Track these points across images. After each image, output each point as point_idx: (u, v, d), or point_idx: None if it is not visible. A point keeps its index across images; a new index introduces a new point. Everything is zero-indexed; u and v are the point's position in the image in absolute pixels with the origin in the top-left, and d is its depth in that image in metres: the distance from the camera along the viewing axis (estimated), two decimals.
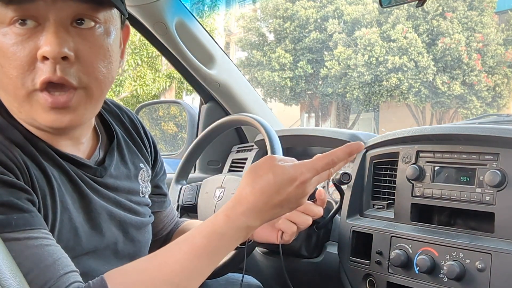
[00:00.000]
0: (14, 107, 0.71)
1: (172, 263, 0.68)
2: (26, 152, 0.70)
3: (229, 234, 0.71)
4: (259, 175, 0.72)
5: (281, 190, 0.72)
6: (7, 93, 0.70)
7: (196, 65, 1.64)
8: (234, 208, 0.72)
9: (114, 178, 0.84)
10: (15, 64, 0.67)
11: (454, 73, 13.69)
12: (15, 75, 0.67)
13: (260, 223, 0.74)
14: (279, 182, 0.72)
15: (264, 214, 0.73)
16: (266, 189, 0.72)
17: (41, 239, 0.64)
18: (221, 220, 0.71)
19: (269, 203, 0.72)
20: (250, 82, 2.04)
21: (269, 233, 0.89)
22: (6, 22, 0.67)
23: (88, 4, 0.69)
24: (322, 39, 14.85)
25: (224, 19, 17.34)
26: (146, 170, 0.93)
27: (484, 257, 0.96)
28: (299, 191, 0.73)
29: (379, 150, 1.25)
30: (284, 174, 0.72)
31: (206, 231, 0.71)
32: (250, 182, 0.73)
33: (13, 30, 0.67)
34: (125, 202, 0.84)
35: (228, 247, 0.72)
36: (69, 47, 0.67)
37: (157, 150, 0.99)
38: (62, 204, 0.72)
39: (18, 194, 0.65)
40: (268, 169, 0.73)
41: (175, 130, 2.14)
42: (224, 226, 0.71)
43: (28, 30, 0.67)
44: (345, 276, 1.23)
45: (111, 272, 0.66)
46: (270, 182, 0.72)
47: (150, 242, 0.91)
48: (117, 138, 0.88)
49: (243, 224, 0.71)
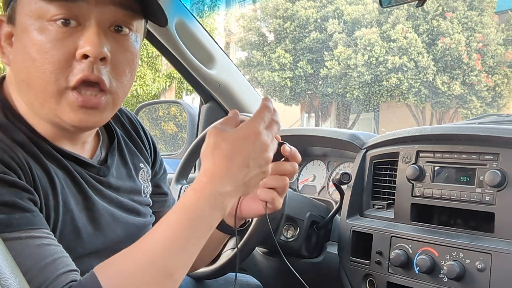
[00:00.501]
0: (38, 102, 0.71)
1: (153, 245, 0.67)
2: (29, 152, 0.71)
3: (200, 204, 0.69)
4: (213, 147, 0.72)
5: (239, 150, 0.71)
6: (34, 88, 0.70)
7: (196, 65, 1.64)
8: (199, 181, 0.70)
9: (116, 178, 0.84)
10: (51, 60, 0.68)
11: (454, 73, 13.70)
12: (50, 70, 0.68)
13: (234, 187, 0.71)
14: (234, 144, 0.71)
15: (232, 178, 0.71)
16: (224, 155, 0.70)
17: (42, 239, 0.64)
18: (189, 193, 0.70)
19: (233, 165, 0.70)
20: (250, 82, 2.04)
21: (255, 206, 0.87)
22: (46, 18, 0.68)
23: (127, 11, 0.72)
24: (322, 39, 14.86)
25: (224, 19, 17.34)
26: (146, 170, 0.93)
27: (484, 257, 0.96)
28: (257, 145, 0.72)
29: (379, 150, 1.25)
30: (234, 136, 0.71)
31: (177, 207, 0.69)
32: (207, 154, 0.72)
33: (53, 26, 0.68)
34: (127, 202, 0.85)
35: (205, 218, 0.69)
36: (108, 49, 0.70)
37: (156, 150, 0.99)
38: (64, 205, 0.72)
39: (20, 194, 0.65)
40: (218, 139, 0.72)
41: (175, 130, 2.14)
42: (193, 198, 0.69)
43: (69, 29, 0.68)
44: (345, 276, 1.23)
45: (99, 265, 0.66)
46: (224, 148, 0.71)
47: None
48: (117, 138, 0.89)
49: (212, 191, 0.69)
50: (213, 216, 0.70)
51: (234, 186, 0.71)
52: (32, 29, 0.69)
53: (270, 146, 0.74)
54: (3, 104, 0.74)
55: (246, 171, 0.71)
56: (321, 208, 1.29)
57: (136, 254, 0.67)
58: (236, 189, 0.71)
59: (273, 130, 0.76)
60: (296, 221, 1.23)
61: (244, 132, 0.72)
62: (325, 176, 1.54)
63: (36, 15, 0.69)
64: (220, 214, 0.71)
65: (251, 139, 0.72)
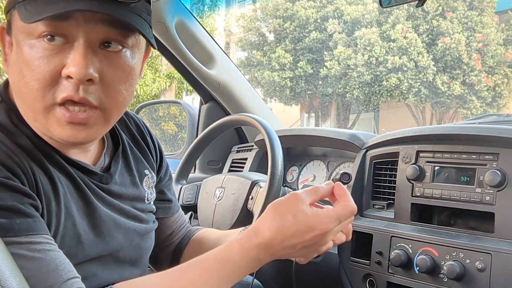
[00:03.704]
0: (30, 116, 0.71)
1: (183, 283, 0.69)
2: (33, 157, 0.70)
3: (240, 263, 0.73)
4: (279, 213, 0.74)
5: (298, 234, 0.73)
6: (24, 103, 0.70)
7: (196, 65, 1.64)
8: (249, 239, 0.74)
9: (119, 185, 0.84)
10: (37, 77, 0.67)
11: (454, 73, 13.69)
12: (36, 87, 0.67)
13: (271, 259, 0.75)
14: (297, 227, 0.73)
15: (276, 252, 0.74)
16: (283, 229, 0.73)
17: (43, 244, 0.64)
18: (235, 248, 0.73)
19: (284, 243, 0.73)
20: (250, 82, 2.04)
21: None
22: (35, 35, 0.67)
23: (118, 29, 0.70)
24: (322, 39, 14.85)
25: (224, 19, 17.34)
26: (151, 176, 0.93)
27: (484, 257, 0.96)
28: (318, 239, 0.75)
29: (379, 150, 1.25)
30: (304, 221, 0.74)
31: (220, 256, 0.73)
32: (269, 217, 0.74)
33: (41, 43, 0.67)
34: (130, 209, 0.84)
35: (238, 275, 0.73)
36: (95, 69, 0.68)
37: (162, 156, 0.99)
38: (67, 211, 0.72)
39: (22, 199, 0.65)
40: (289, 210, 0.74)
41: (175, 130, 2.14)
42: (237, 254, 0.73)
43: (56, 46, 0.67)
44: (345, 276, 1.23)
45: (120, 284, 0.67)
46: (288, 224, 0.73)
47: (158, 247, 0.91)
48: (122, 144, 0.88)
49: (255, 255, 0.73)
50: (245, 274, 0.75)
51: (272, 258, 0.75)
52: (22, 45, 0.68)
53: (328, 244, 0.79)
54: (8, 108, 0.73)
55: (290, 251, 0.75)
56: None
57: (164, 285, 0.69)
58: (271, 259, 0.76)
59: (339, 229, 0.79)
60: None
61: (315, 224, 0.74)
62: (325, 176, 1.54)
63: (26, 32, 0.68)
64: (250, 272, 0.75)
65: (315, 233, 0.74)
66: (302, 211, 0.74)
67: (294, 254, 0.77)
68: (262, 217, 0.76)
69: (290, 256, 0.77)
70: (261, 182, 1.27)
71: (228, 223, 1.25)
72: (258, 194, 1.23)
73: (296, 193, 0.77)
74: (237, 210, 1.25)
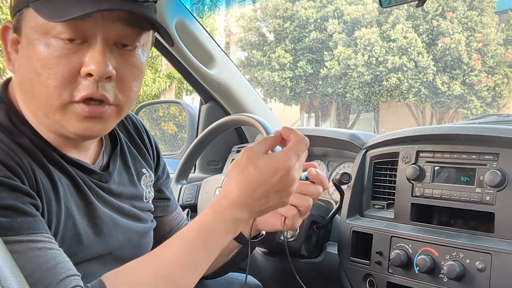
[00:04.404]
0: (42, 113, 0.71)
1: (167, 259, 0.69)
2: (33, 157, 0.71)
3: (217, 227, 0.72)
4: (241, 170, 0.73)
5: (265, 181, 0.72)
6: (37, 100, 0.70)
7: (196, 65, 1.64)
8: (220, 202, 0.73)
9: (118, 184, 0.84)
10: (56, 75, 0.68)
11: (454, 73, 13.70)
12: (54, 85, 0.68)
13: (249, 215, 0.74)
14: (261, 174, 0.72)
15: (250, 206, 0.73)
16: (249, 182, 0.72)
17: (43, 243, 0.64)
18: (209, 214, 0.72)
19: (254, 195, 0.72)
20: (250, 82, 2.04)
21: (273, 221, 0.89)
22: (53, 34, 0.68)
23: (134, 28, 0.71)
24: (322, 39, 14.86)
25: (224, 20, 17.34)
26: (149, 175, 0.93)
27: (484, 257, 0.96)
28: (285, 180, 0.73)
29: (379, 150, 1.25)
30: (265, 166, 0.72)
31: (195, 226, 0.72)
32: (233, 176, 0.73)
33: (58, 42, 0.68)
34: (128, 208, 0.84)
35: (219, 240, 0.73)
36: (113, 66, 0.70)
37: (159, 155, 0.99)
38: (67, 210, 0.72)
39: (23, 198, 0.65)
40: (249, 163, 0.73)
41: (175, 130, 2.14)
42: (212, 219, 0.72)
43: (74, 45, 0.68)
44: (345, 276, 1.23)
45: (108, 274, 0.67)
46: (251, 174, 0.72)
47: (152, 246, 0.91)
48: (120, 144, 0.88)
49: (230, 216, 0.72)
50: (226, 238, 0.73)
51: (250, 213, 0.74)
52: (37, 44, 0.68)
53: (296, 180, 0.75)
54: (8, 108, 0.74)
55: (265, 201, 0.73)
56: (321, 208, 1.29)
57: (148, 266, 0.69)
58: (251, 216, 0.75)
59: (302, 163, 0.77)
60: None
61: (276, 165, 0.72)
62: (325, 176, 1.54)
63: (41, 31, 0.68)
64: (232, 236, 0.74)
65: (280, 174, 0.72)
66: (260, 159, 0.73)
67: (270, 203, 0.74)
68: (226, 180, 0.75)
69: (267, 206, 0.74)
70: None
71: None
72: None
73: (248, 147, 0.76)
74: None
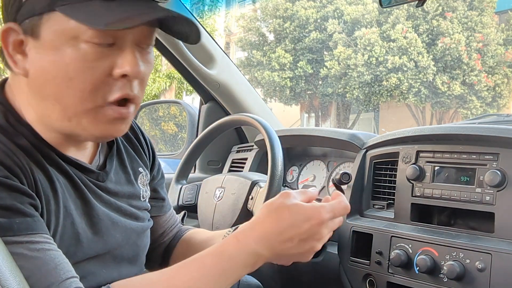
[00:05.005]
0: (63, 116, 0.71)
1: (180, 280, 0.69)
2: (31, 157, 0.70)
3: (238, 258, 0.72)
4: (274, 209, 0.75)
5: (295, 224, 0.73)
6: (63, 104, 0.69)
7: (196, 65, 1.64)
8: (246, 233, 0.74)
9: (115, 183, 0.84)
10: (90, 79, 0.68)
11: (454, 73, 13.69)
12: (89, 89, 0.68)
13: (270, 255, 0.74)
14: (294, 218, 0.74)
15: (274, 245, 0.73)
16: (279, 221, 0.74)
17: (42, 244, 0.64)
18: (232, 243, 0.73)
19: (281, 235, 0.73)
20: (250, 82, 2.04)
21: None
22: (83, 39, 0.67)
23: (152, 28, 0.73)
24: (322, 39, 14.85)
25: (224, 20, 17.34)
26: (145, 174, 0.93)
27: (484, 257, 0.96)
28: (314, 230, 0.75)
29: (379, 150, 1.25)
30: (300, 211, 0.74)
31: (216, 252, 0.72)
32: (265, 212, 0.75)
33: (89, 46, 0.67)
34: (126, 207, 0.84)
35: (236, 271, 0.72)
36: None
37: (154, 154, 0.99)
38: (65, 210, 0.72)
39: (22, 198, 0.65)
40: (284, 204, 0.75)
41: (175, 130, 2.14)
42: (234, 249, 0.72)
43: (104, 49, 0.68)
44: (345, 276, 1.23)
45: (118, 283, 0.67)
46: (284, 216, 0.74)
47: (149, 246, 0.91)
48: (116, 143, 0.88)
49: (253, 250, 0.72)
50: (244, 271, 0.73)
51: (271, 253, 0.74)
52: (64, 48, 0.67)
53: (323, 239, 0.77)
54: (4, 108, 0.73)
55: (289, 245, 0.74)
56: None
57: (160, 283, 0.69)
58: (271, 257, 0.75)
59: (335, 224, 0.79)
60: None
61: (311, 214, 0.75)
62: (325, 176, 1.54)
63: (70, 35, 0.67)
64: (250, 271, 0.74)
65: (311, 223, 0.74)
66: (296, 204, 0.75)
67: (293, 250, 0.75)
68: (257, 214, 0.76)
69: (289, 252, 0.75)
70: (261, 182, 1.27)
71: (228, 223, 1.25)
72: (258, 194, 1.23)
73: (287, 191, 0.79)
74: (237, 210, 1.25)
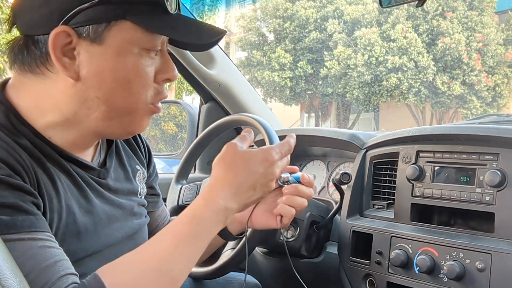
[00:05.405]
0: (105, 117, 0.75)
1: (159, 251, 0.70)
2: (33, 156, 0.71)
3: (208, 217, 0.74)
4: (229, 162, 0.79)
5: (253, 171, 0.78)
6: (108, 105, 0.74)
7: (196, 65, 1.64)
8: (211, 191, 0.77)
9: (114, 180, 0.86)
10: (145, 83, 0.76)
11: (454, 73, 13.70)
12: (142, 91, 0.76)
13: (237, 206, 0.78)
14: (250, 164, 0.79)
15: (239, 196, 0.78)
16: (238, 171, 0.78)
17: (44, 241, 0.65)
18: (200, 204, 0.75)
19: (243, 184, 0.78)
20: (250, 82, 2.04)
21: (267, 219, 0.92)
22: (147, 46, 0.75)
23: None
24: (322, 39, 14.86)
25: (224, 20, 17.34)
26: (142, 171, 0.95)
27: (484, 257, 0.96)
28: (268, 172, 0.80)
29: (379, 150, 1.25)
30: (253, 157, 0.79)
31: (187, 217, 0.74)
32: (222, 168, 0.79)
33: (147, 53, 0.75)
34: (126, 203, 0.86)
35: (210, 231, 0.75)
36: None
37: (150, 152, 1.02)
38: (67, 208, 0.73)
39: (24, 197, 0.66)
40: (236, 155, 0.80)
41: (175, 130, 2.13)
42: (203, 209, 0.75)
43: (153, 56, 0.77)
44: (345, 276, 1.23)
45: (102, 268, 0.68)
46: (240, 166, 0.78)
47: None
48: (115, 141, 0.90)
49: (221, 206, 0.75)
50: (216, 229, 0.76)
51: (239, 204, 0.78)
52: (128, 54, 0.73)
53: (276, 175, 0.82)
54: (6, 108, 0.74)
55: (252, 193, 0.79)
56: (321, 208, 1.29)
57: (142, 258, 0.70)
58: (239, 208, 0.79)
59: (283, 163, 0.84)
60: (296, 221, 1.23)
61: (261, 156, 0.80)
62: (325, 176, 1.54)
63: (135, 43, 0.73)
64: (222, 227, 0.77)
65: (265, 165, 0.80)
66: (247, 151, 0.80)
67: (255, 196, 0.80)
68: (214, 171, 0.80)
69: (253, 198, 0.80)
70: None
71: None
72: None
73: (230, 142, 0.83)
74: None
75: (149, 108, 0.78)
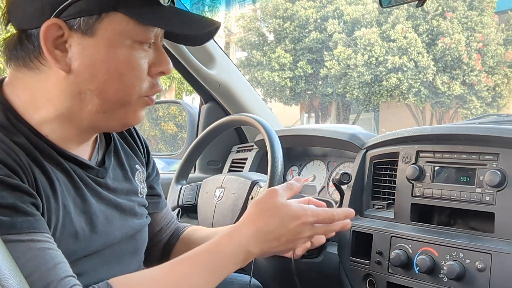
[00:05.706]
0: (99, 110, 0.75)
1: (177, 274, 0.72)
2: (31, 154, 0.71)
3: (230, 255, 0.77)
4: (264, 208, 0.82)
5: (284, 224, 0.80)
6: (101, 97, 0.74)
7: (196, 65, 1.64)
8: (239, 228, 0.79)
9: (113, 180, 0.85)
10: (138, 76, 0.75)
11: (454, 73, 13.70)
12: (135, 84, 0.75)
13: (259, 252, 0.80)
14: (283, 219, 0.81)
15: (263, 243, 0.80)
16: (270, 219, 0.80)
17: (43, 242, 0.65)
18: (224, 240, 0.78)
19: (271, 233, 0.80)
20: (250, 82, 2.04)
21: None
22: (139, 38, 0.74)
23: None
24: (322, 39, 14.86)
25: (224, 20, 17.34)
26: (142, 171, 0.94)
27: (484, 257, 0.96)
28: (298, 230, 0.82)
29: (379, 150, 1.25)
30: (289, 210, 0.81)
31: (210, 249, 0.77)
32: (255, 211, 0.82)
33: (140, 46, 0.75)
34: (125, 203, 0.85)
35: (228, 267, 0.77)
36: None
37: (149, 152, 1.01)
38: (64, 208, 0.73)
39: (23, 197, 0.65)
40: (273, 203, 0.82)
41: (175, 130, 2.13)
42: (227, 246, 0.77)
43: (147, 49, 0.76)
44: (345, 276, 1.23)
45: (116, 278, 0.68)
46: (274, 214, 0.81)
47: (147, 244, 0.92)
48: (113, 140, 0.89)
49: (244, 248, 0.78)
50: (235, 267, 0.78)
51: (261, 251, 0.80)
52: (119, 46, 0.73)
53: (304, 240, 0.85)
54: (4, 106, 0.73)
55: (276, 244, 0.81)
56: None
57: (158, 276, 0.72)
58: (259, 254, 0.81)
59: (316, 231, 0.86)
60: None
61: (298, 214, 0.82)
62: (325, 176, 1.54)
63: (127, 35, 0.73)
64: (240, 267, 0.79)
65: (297, 223, 0.82)
66: (286, 204, 0.82)
67: (278, 248, 0.82)
68: (248, 212, 0.82)
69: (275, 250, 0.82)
70: (261, 182, 1.27)
71: (228, 223, 1.25)
72: (258, 194, 1.23)
73: (275, 189, 0.85)
74: (237, 210, 1.25)
75: (143, 100, 0.78)
